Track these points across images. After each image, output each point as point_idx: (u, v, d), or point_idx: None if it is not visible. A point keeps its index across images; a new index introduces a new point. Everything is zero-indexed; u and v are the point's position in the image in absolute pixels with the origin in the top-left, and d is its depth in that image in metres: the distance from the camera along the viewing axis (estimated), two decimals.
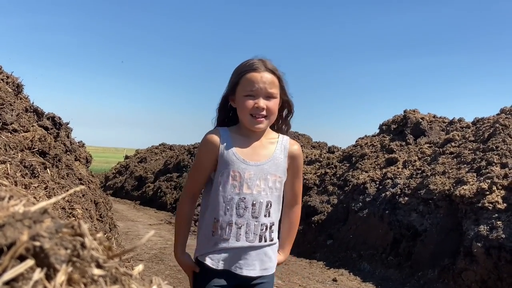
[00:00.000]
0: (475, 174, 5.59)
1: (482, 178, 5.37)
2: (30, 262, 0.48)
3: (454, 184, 5.67)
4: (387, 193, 6.61)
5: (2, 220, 0.50)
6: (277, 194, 1.88)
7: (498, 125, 6.39)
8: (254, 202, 1.80)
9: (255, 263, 1.83)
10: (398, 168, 7.13)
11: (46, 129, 3.38)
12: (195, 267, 1.85)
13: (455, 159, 6.39)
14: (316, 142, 14.04)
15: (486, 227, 4.73)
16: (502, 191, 5.00)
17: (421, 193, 6.03)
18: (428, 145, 7.62)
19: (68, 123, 4.78)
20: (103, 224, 3.77)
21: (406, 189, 6.40)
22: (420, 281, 5.30)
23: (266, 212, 1.83)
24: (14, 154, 2.34)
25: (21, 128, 2.77)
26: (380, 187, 6.94)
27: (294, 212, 2.05)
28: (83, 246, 0.53)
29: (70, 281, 0.50)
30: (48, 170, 2.63)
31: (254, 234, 1.81)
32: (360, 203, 6.94)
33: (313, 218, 7.47)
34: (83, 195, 3.28)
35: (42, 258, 0.49)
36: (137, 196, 14.12)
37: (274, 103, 1.84)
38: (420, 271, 5.41)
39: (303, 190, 8.16)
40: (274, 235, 1.89)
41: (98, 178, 9.37)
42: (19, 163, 2.25)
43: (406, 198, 6.23)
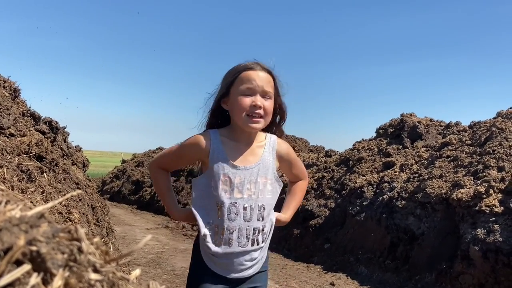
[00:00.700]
0: (472, 178, 5.60)
1: (479, 182, 5.38)
2: (26, 267, 0.48)
3: (451, 187, 5.68)
4: (384, 196, 6.61)
5: None
6: (269, 197, 1.86)
7: (494, 128, 6.41)
8: (246, 206, 1.79)
9: (248, 267, 1.83)
10: (395, 171, 7.14)
11: (43, 133, 3.37)
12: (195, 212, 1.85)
13: (452, 163, 6.41)
14: (313, 145, 14.05)
15: (483, 231, 4.74)
16: (499, 195, 5.01)
17: (418, 196, 6.04)
18: (425, 148, 7.64)
19: (65, 128, 4.77)
20: (100, 228, 3.76)
21: (403, 192, 6.41)
22: (417, 284, 5.30)
23: (259, 215, 1.82)
24: (11, 159, 2.34)
25: (18, 132, 2.76)
26: (377, 191, 6.95)
27: (298, 184, 2.09)
28: (80, 250, 0.53)
29: (67, 286, 0.49)
30: (45, 174, 2.63)
31: (246, 238, 1.80)
32: (357, 207, 6.95)
33: (310, 222, 7.47)
34: (80, 200, 3.27)
35: (39, 263, 0.49)
36: (134, 200, 14.09)
37: (270, 103, 1.81)
38: (417, 275, 5.41)
39: None
40: (266, 237, 1.88)
41: (95, 182, 9.34)
42: (16, 168, 2.24)
43: (403, 202, 6.23)
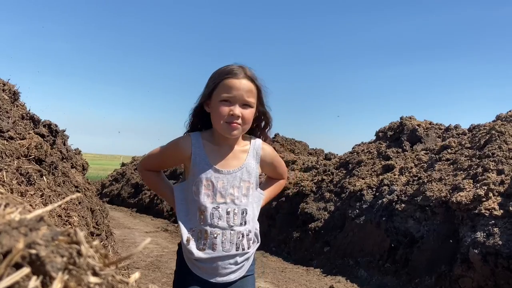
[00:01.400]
0: (472, 181, 5.60)
1: (478, 185, 5.38)
2: (26, 270, 0.48)
3: (451, 190, 5.68)
4: (384, 200, 6.61)
5: None
6: (251, 201, 1.86)
7: (494, 131, 6.41)
8: (229, 211, 1.78)
9: (232, 270, 1.82)
10: (394, 174, 7.14)
11: (43, 136, 3.37)
12: None
13: (452, 166, 6.41)
14: (312, 149, 14.04)
15: (482, 234, 4.73)
16: (499, 198, 5.01)
17: (417, 199, 6.04)
18: (424, 151, 7.64)
19: (64, 131, 4.77)
20: (100, 231, 3.76)
21: (402, 195, 6.41)
22: (417, 287, 5.30)
23: (242, 220, 1.81)
24: (10, 162, 2.34)
25: (17, 135, 2.77)
26: (376, 194, 6.95)
27: (280, 181, 2.11)
28: (79, 253, 0.53)
29: None
30: (44, 177, 2.62)
31: (231, 243, 1.79)
32: (357, 210, 6.94)
33: (310, 225, 7.46)
34: (79, 203, 3.27)
35: (38, 266, 0.49)
36: (133, 203, 14.07)
37: (250, 112, 1.79)
38: (417, 278, 5.40)
39: (300, 197, 8.15)
40: (251, 244, 1.88)
41: (94, 185, 9.33)
42: (15, 171, 2.24)
43: (403, 205, 6.23)
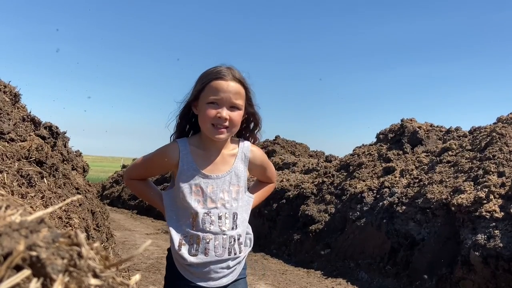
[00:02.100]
0: (472, 183, 5.60)
1: (479, 187, 5.37)
2: (26, 272, 0.48)
3: (452, 193, 5.67)
4: (385, 202, 6.60)
5: None
6: (241, 204, 1.85)
7: (495, 134, 6.41)
8: (220, 215, 1.78)
9: (225, 274, 1.81)
10: (395, 177, 7.13)
11: (43, 138, 3.37)
12: None
13: (452, 168, 6.40)
14: (313, 151, 14.04)
15: (483, 236, 4.73)
16: (500, 200, 5.01)
17: (418, 202, 6.03)
18: (425, 154, 7.64)
19: (65, 133, 4.77)
20: (100, 233, 3.76)
21: (403, 198, 6.40)
22: None
23: (233, 224, 1.81)
24: (11, 164, 2.34)
25: (18, 137, 2.77)
26: (377, 196, 6.94)
27: (269, 185, 2.10)
28: (80, 255, 0.53)
29: None
30: (45, 179, 2.63)
31: (223, 247, 1.78)
32: (357, 212, 6.93)
33: (310, 228, 7.46)
34: (80, 205, 3.27)
35: (38, 268, 0.49)
36: (134, 205, 14.07)
37: (237, 115, 1.77)
38: (417, 280, 5.39)
39: (301, 199, 8.15)
40: (243, 248, 1.87)
41: (95, 187, 9.34)
42: (16, 173, 2.24)
43: (404, 207, 6.22)
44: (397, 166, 7.48)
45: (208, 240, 1.75)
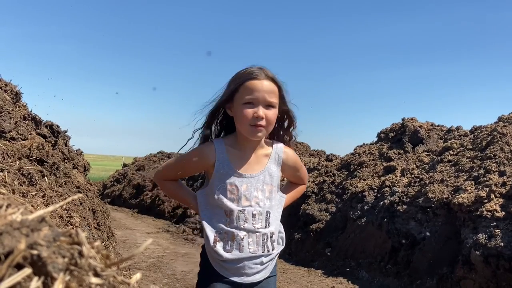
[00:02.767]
0: (473, 182, 5.60)
1: (480, 186, 5.37)
2: (27, 271, 0.48)
3: (452, 192, 5.67)
4: (385, 201, 6.60)
5: (0, 228, 0.50)
6: (274, 203, 1.89)
7: (496, 133, 6.40)
8: (254, 213, 1.82)
9: (258, 270, 1.86)
10: (396, 176, 7.13)
11: (44, 137, 3.37)
12: None
13: (453, 167, 6.40)
14: (314, 150, 14.04)
15: (484, 235, 4.72)
16: (500, 199, 5.01)
17: (419, 201, 6.03)
18: (426, 153, 7.63)
19: (66, 131, 4.77)
20: (101, 232, 3.76)
21: (404, 197, 6.40)
22: None
23: (266, 222, 1.85)
24: (12, 162, 2.34)
25: (19, 136, 2.77)
26: (378, 195, 6.94)
27: (300, 186, 2.14)
28: (81, 254, 0.53)
29: None
30: (46, 178, 2.63)
31: (256, 244, 1.83)
32: (358, 211, 6.93)
33: (311, 227, 7.46)
34: (81, 203, 3.27)
35: (39, 267, 0.49)
36: (135, 204, 14.07)
37: (273, 113, 1.80)
38: (418, 280, 5.39)
39: (302, 198, 8.15)
40: (275, 246, 1.91)
41: (96, 186, 9.35)
42: (17, 171, 2.24)
43: (405, 206, 6.22)
44: (398, 165, 7.48)
45: (242, 237, 1.80)
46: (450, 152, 6.95)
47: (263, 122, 1.77)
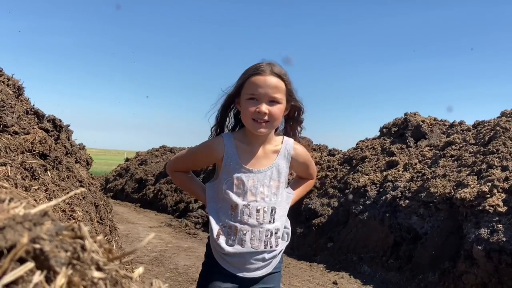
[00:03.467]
0: (476, 177, 5.59)
1: (482, 181, 5.36)
2: (30, 265, 0.48)
3: (455, 187, 5.66)
4: (388, 196, 6.60)
5: (3, 222, 0.50)
6: (280, 199, 1.90)
7: (498, 128, 6.39)
8: (259, 208, 1.83)
9: (260, 266, 1.87)
10: (398, 171, 7.13)
11: (47, 131, 3.37)
12: None
13: (456, 162, 6.39)
14: (316, 144, 14.02)
15: (486, 230, 4.72)
16: (503, 194, 5.00)
17: (421, 196, 6.03)
18: (428, 148, 7.62)
19: (68, 126, 4.77)
20: (103, 226, 3.77)
21: (406, 192, 6.40)
22: (420, 284, 5.29)
23: (271, 218, 1.86)
24: (14, 156, 2.34)
25: (21, 130, 2.77)
26: (380, 190, 6.94)
27: (309, 181, 2.14)
28: (83, 248, 0.53)
29: (70, 283, 0.50)
30: (48, 172, 2.63)
31: (259, 240, 1.83)
32: (360, 206, 6.94)
33: (313, 221, 7.47)
34: (84, 198, 3.27)
35: (42, 261, 0.49)
36: (137, 198, 14.11)
37: (277, 109, 1.80)
38: (420, 274, 5.40)
39: None
40: (279, 242, 1.92)
41: (98, 180, 9.36)
42: (20, 165, 2.25)
43: (407, 201, 6.22)
44: (400, 160, 7.47)
45: (245, 231, 1.81)
46: (453, 147, 6.94)
47: (266, 117, 1.78)
